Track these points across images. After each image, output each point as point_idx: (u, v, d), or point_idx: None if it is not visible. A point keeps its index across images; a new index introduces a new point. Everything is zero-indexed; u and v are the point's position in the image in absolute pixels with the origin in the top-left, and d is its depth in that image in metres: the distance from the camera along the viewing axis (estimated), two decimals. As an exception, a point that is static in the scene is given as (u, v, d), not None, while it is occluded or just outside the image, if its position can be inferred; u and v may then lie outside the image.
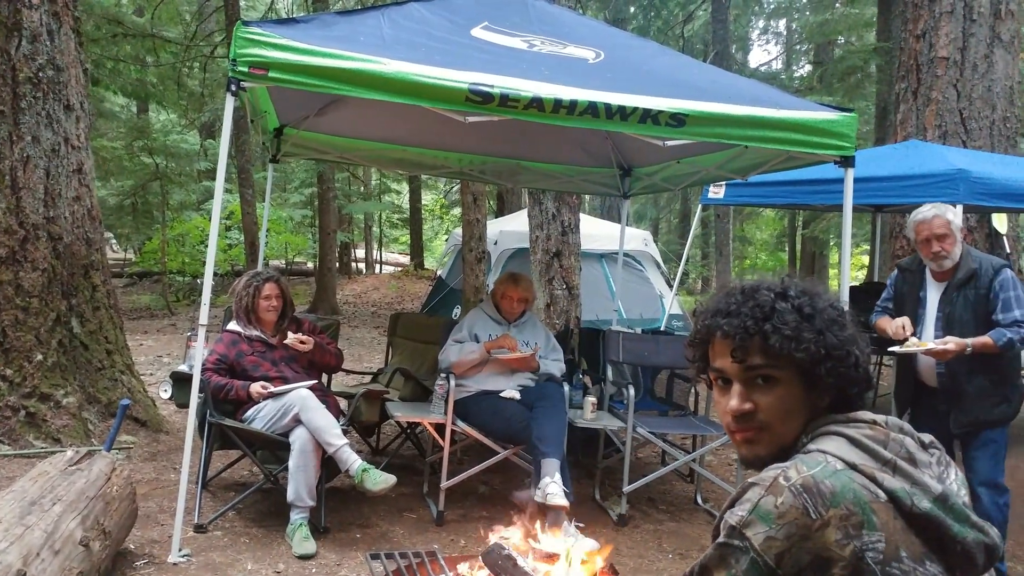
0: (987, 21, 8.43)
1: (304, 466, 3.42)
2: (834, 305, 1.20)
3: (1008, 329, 3.21)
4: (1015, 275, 3.29)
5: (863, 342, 1.19)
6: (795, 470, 1.04)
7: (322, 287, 13.31)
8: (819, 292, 1.21)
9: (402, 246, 27.31)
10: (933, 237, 3.31)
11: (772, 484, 1.04)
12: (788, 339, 1.14)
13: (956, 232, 3.33)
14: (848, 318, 1.20)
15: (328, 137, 5.17)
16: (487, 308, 4.28)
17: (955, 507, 1.06)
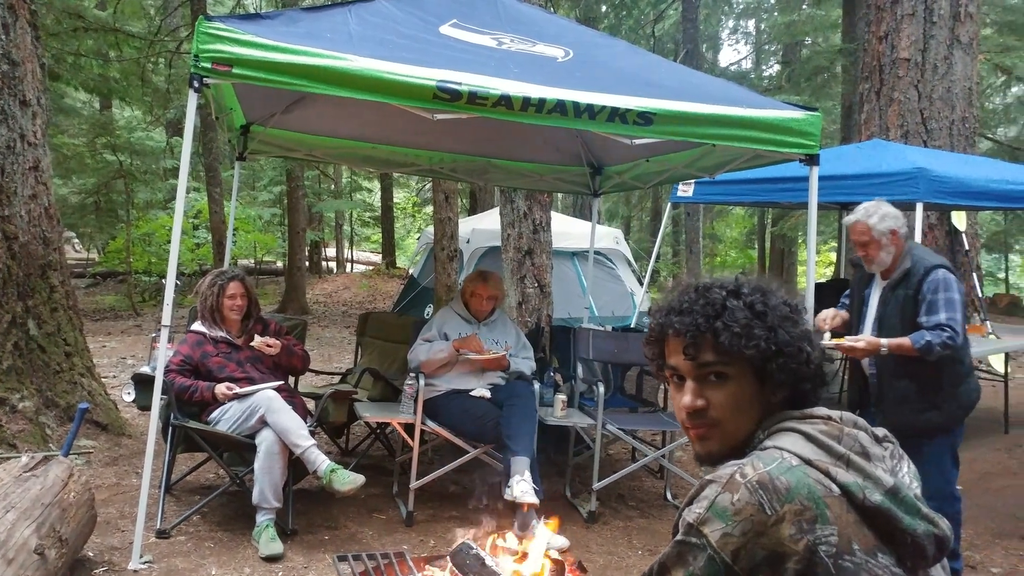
0: (947, 24, 8.60)
1: (270, 467, 3.38)
2: (787, 302, 1.20)
3: (930, 332, 3.10)
4: (952, 277, 3.18)
5: (816, 339, 1.21)
6: (751, 467, 1.05)
7: (291, 286, 13.18)
8: (772, 289, 1.21)
9: (374, 245, 27.13)
10: (857, 243, 3.30)
11: (728, 481, 1.05)
12: (738, 336, 1.14)
13: (881, 237, 3.24)
14: (802, 314, 1.20)
15: (296, 135, 5.11)
16: (456, 307, 4.26)
17: (906, 499, 1.07)
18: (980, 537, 3.92)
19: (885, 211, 3.27)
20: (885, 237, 3.24)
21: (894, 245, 3.25)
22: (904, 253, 3.27)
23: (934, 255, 3.36)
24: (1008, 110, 17.29)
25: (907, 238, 3.32)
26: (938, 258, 3.31)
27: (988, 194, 5.34)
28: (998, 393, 6.44)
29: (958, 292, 3.18)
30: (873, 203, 3.32)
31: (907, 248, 3.29)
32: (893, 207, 3.33)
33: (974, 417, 6.70)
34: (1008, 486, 4.78)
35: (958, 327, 3.12)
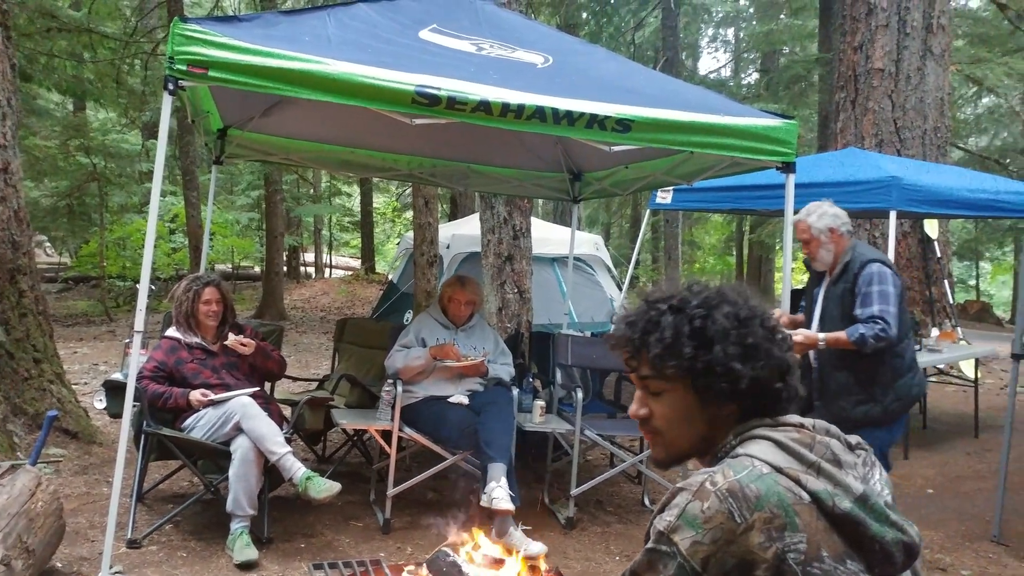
0: (920, 35, 8.75)
1: (245, 475, 3.34)
2: (737, 315, 1.18)
3: (864, 324, 3.18)
4: (887, 270, 3.25)
5: (763, 354, 1.16)
6: (721, 475, 1.06)
7: (269, 292, 13.07)
8: (722, 303, 1.19)
9: (353, 250, 26.98)
10: (800, 241, 3.42)
11: (699, 489, 1.05)
12: (659, 356, 1.17)
13: (820, 235, 3.36)
14: (750, 327, 1.17)
15: (274, 138, 5.07)
16: (434, 312, 4.25)
17: (875, 507, 1.08)
18: (950, 540, 3.97)
19: (824, 210, 3.39)
20: (824, 235, 3.36)
21: (833, 243, 3.37)
22: (846, 250, 3.38)
23: (873, 251, 3.43)
24: (979, 120, 17.60)
25: (849, 236, 3.41)
26: (876, 254, 3.38)
27: (959, 203, 5.44)
28: (969, 398, 6.54)
29: (893, 285, 3.24)
30: (816, 203, 3.45)
31: (849, 246, 3.39)
32: (836, 207, 3.43)
33: (945, 421, 6.83)
34: (978, 489, 4.85)
35: (891, 319, 3.18)
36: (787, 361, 1.19)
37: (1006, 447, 4.12)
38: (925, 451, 5.69)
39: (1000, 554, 3.81)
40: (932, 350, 5.96)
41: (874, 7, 8.79)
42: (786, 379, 1.19)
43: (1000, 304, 22.76)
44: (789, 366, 1.19)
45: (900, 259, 8.47)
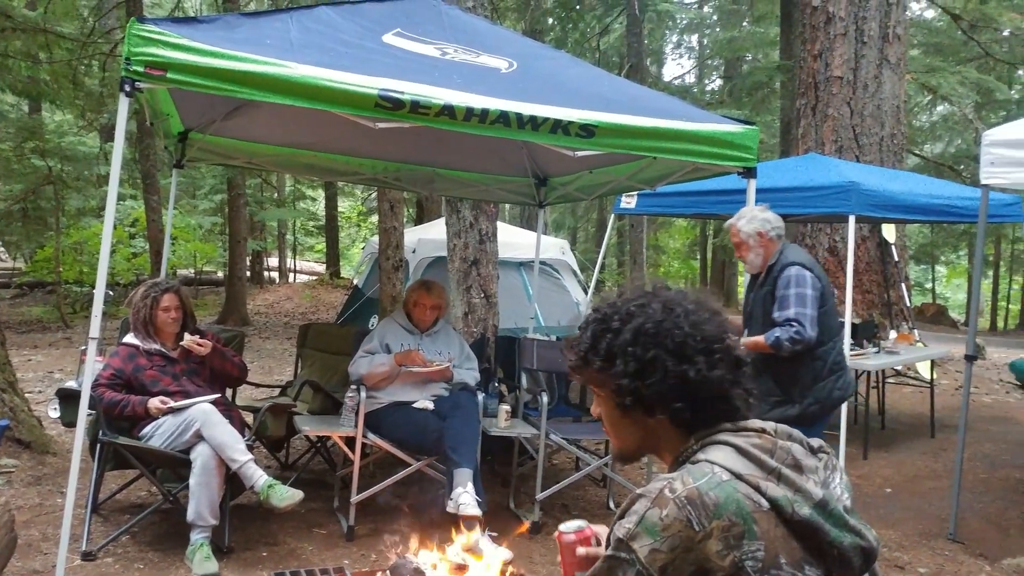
0: (876, 44, 8.96)
1: (206, 483, 3.28)
2: (644, 330, 1.18)
3: (779, 328, 3.23)
4: (806, 273, 3.29)
5: (661, 369, 1.16)
6: (681, 482, 1.06)
7: (232, 297, 12.88)
8: (639, 316, 1.19)
9: (318, 254, 26.74)
10: (732, 244, 3.50)
11: (658, 496, 1.06)
12: (576, 365, 1.23)
13: (748, 239, 3.43)
14: (661, 343, 1.17)
15: (236, 142, 5.00)
16: (399, 317, 4.22)
17: (834, 512, 1.09)
18: (908, 538, 4.06)
19: (754, 215, 3.46)
20: (752, 239, 3.43)
21: (762, 247, 3.43)
22: (774, 254, 3.43)
23: (799, 255, 3.46)
24: (934, 128, 18.07)
25: (778, 240, 3.46)
26: (800, 257, 3.42)
27: (915, 208, 5.56)
28: (925, 398, 6.69)
29: (812, 288, 3.27)
30: (749, 207, 3.52)
31: (778, 249, 3.45)
32: (769, 212, 3.49)
33: (903, 422, 6.98)
34: (934, 488, 4.96)
35: (806, 321, 3.22)
36: (712, 376, 1.16)
37: (960, 447, 4.22)
38: (883, 451, 5.81)
39: (956, 552, 3.90)
40: (890, 352, 6.09)
41: (832, 16, 8.97)
42: (720, 391, 1.17)
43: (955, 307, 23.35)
44: (720, 379, 1.16)
45: (859, 263, 8.64)
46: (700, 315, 1.20)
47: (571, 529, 1.38)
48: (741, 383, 1.19)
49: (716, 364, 1.16)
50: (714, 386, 1.16)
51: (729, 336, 1.21)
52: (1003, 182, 3.95)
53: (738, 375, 1.19)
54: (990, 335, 15.85)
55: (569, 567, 1.35)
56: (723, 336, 1.19)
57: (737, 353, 1.20)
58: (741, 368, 1.20)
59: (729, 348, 1.19)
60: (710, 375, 1.16)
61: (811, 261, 3.44)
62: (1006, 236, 18.58)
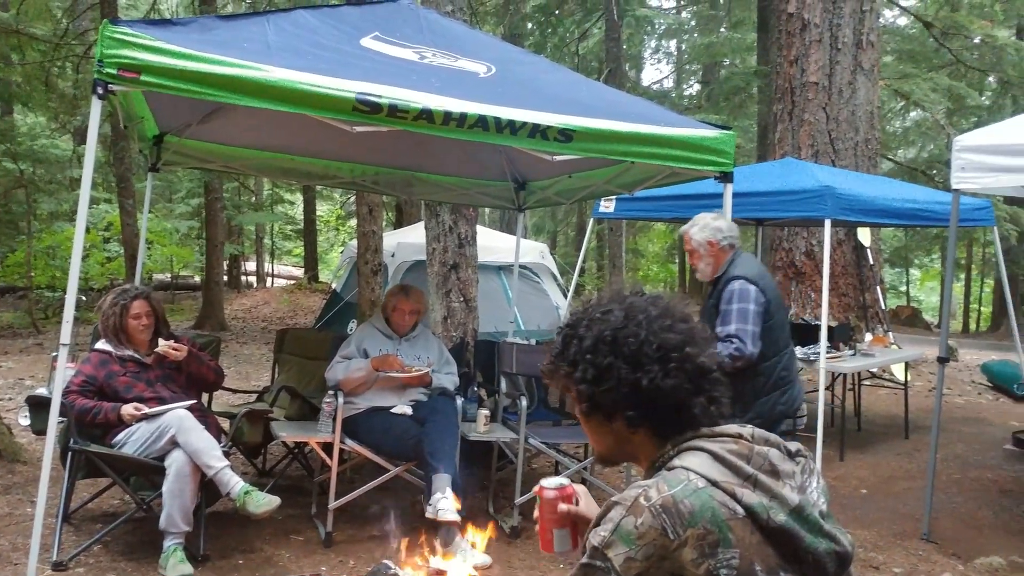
0: (850, 51, 9.08)
1: (180, 490, 3.23)
2: (602, 338, 1.19)
3: (720, 343, 3.17)
4: (750, 288, 3.22)
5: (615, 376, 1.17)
6: (656, 490, 1.06)
7: (209, 302, 12.76)
8: (600, 322, 1.20)
9: (296, 258, 26.55)
10: (686, 251, 3.49)
11: (633, 504, 1.06)
12: (548, 369, 1.26)
13: (699, 247, 3.40)
14: (617, 349, 1.17)
15: (213, 146, 4.95)
16: (377, 322, 4.20)
17: (809, 518, 1.09)
18: (883, 539, 4.10)
19: (706, 223, 3.44)
20: (703, 247, 3.41)
21: (712, 256, 3.41)
22: (723, 263, 3.40)
23: (748, 266, 3.39)
24: (907, 133, 18.33)
25: (730, 249, 3.42)
26: (746, 269, 3.34)
27: (889, 212, 5.63)
28: (900, 400, 6.77)
29: (755, 303, 3.21)
30: (703, 215, 3.50)
31: (728, 259, 3.41)
32: (723, 221, 3.46)
33: (878, 423, 7.06)
34: (908, 488, 5.02)
35: (747, 338, 3.18)
36: (664, 385, 1.16)
37: (933, 447, 4.27)
38: (859, 452, 5.87)
39: (930, 552, 3.95)
40: (865, 354, 6.16)
41: (808, 23, 9.09)
42: (676, 400, 1.17)
43: (929, 309, 23.69)
44: (676, 388, 1.16)
45: (836, 266, 8.74)
46: (662, 322, 1.19)
47: (553, 485, 1.37)
48: (703, 392, 1.18)
49: (671, 373, 1.16)
50: (668, 395, 1.16)
51: (692, 344, 1.18)
52: (973, 187, 4.01)
53: (700, 384, 1.17)
54: (963, 337, 16.10)
55: (548, 523, 1.34)
56: (682, 344, 1.18)
57: (700, 361, 1.18)
58: (705, 376, 1.18)
59: (689, 357, 1.17)
60: (663, 384, 1.15)
61: (758, 274, 3.37)
62: (977, 240, 18.88)
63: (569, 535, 1.36)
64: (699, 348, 1.19)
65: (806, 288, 8.88)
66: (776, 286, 3.46)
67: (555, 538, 1.35)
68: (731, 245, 3.44)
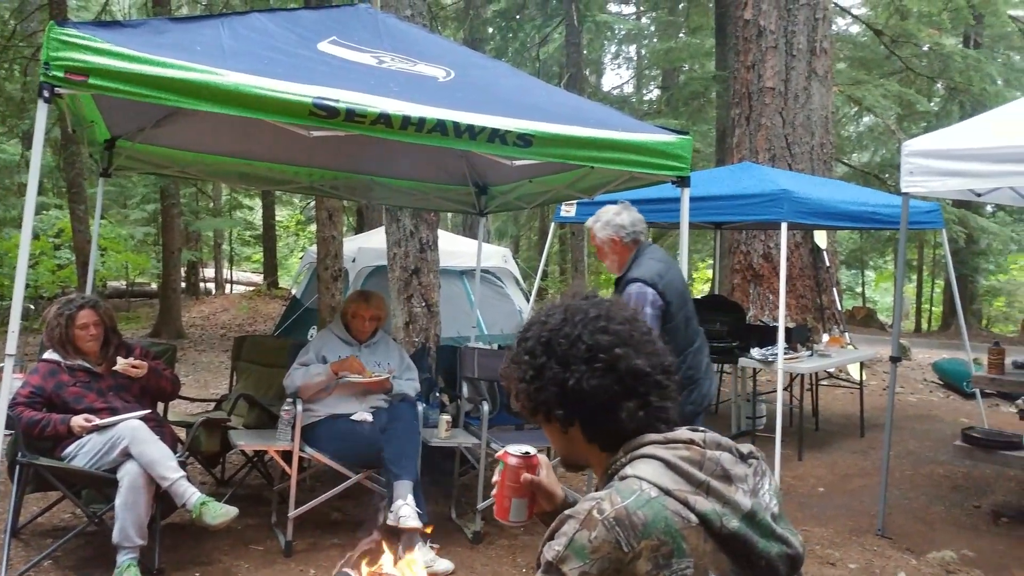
0: (805, 57, 9.28)
1: (134, 503, 3.16)
2: (539, 340, 1.21)
3: None
4: (646, 291, 3.15)
5: (549, 381, 1.19)
6: (609, 502, 1.06)
7: (166, 309, 12.50)
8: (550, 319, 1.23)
9: (255, 264, 26.15)
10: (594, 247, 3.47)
11: (586, 518, 1.06)
12: (504, 372, 1.28)
13: (603, 244, 3.38)
14: (563, 346, 1.18)
15: (167, 150, 4.85)
16: (336, 329, 4.16)
17: (762, 523, 1.10)
18: (839, 535, 4.18)
19: (609, 219, 3.39)
20: (607, 245, 3.40)
21: (616, 253, 3.40)
22: (628, 261, 3.37)
23: (649, 265, 3.29)
24: (861, 138, 18.77)
25: (633, 246, 3.38)
26: (647, 269, 3.26)
27: (843, 215, 5.75)
28: (855, 400, 6.92)
29: (651, 306, 3.15)
30: (607, 208, 3.44)
31: (631, 256, 3.37)
32: (625, 214, 3.39)
33: (835, 422, 7.19)
34: (864, 486, 5.13)
35: None
36: (588, 387, 1.17)
37: (887, 445, 4.38)
38: (817, 451, 5.98)
39: (884, 547, 4.04)
40: (822, 355, 6.28)
41: (764, 29, 9.26)
42: (603, 401, 1.17)
43: (884, 310, 24.23)
44: (601, 388, 1.17)
45: (793, 268, 8.91)
46: (596, 323, 1.20)
47: (518, 452, 1.33)
48: (636, 395, 1.17)
49: (597, 373, 1.16)
50: (593, 395, 1.16)
51: (624, 346, 1.18)
52: (922, 190, 4.12)
53: (632, 386, 1.17)
54: (915, 337, 16.51)
55: (507, 490, 1.30)
56: (613, 345, 1.17)
57: (634, 364, 1.17)
58: (639, 379, 1.17)
59: (619, 358, 1.17)
60: (587, 384, 1.16)
61: (659, 272, 3.24)
62: (928, 242, 19.39)
63: (527, 505, 1.32)
64: (633, 350, 1.18)
65: (764, 290, 9.03)
66: (682, 281, 3.39)
67: (512, 507, 1.31)
68: (635, 240, 3.39)
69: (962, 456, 4.74)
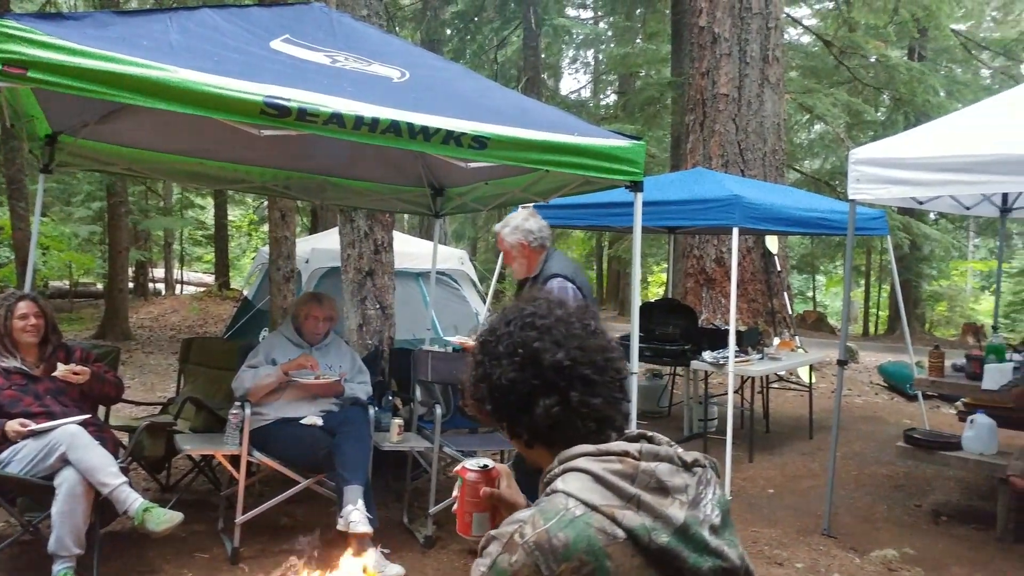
0: (758, 65, 9.46)
1: (71, 511, 3.05)
2: (489, 329, 1.25)
3: None
4: (568, 285, 3.34)
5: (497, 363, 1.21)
6: (531, 525, 1.06)
7: (112, 310, 12.17)
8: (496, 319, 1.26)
9: (207, 265, 25.65)
10: (502, 251, 3.58)
11: (508, 542, 1.07)
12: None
13: (511, 248, 3.50)
14: (493, 342, 1.22)
15: (113, 147, 4.71)
16: (287, 331, 4.09)
17: (695, 537, 1.09)
18: (787, 535, 4.26)
19: (517, 225, 3.53)
20: (515, 249, 3.52)
21: (525, 257, 3.53)
22: (539, 262, 3.52)
23: (562, 264, 3.52)
24: (812, 145, 19.23)
25: (542, 249, 3.53)
26: (562, 267, 3.48)
27: (793, 220, 5.87)
28: (805, 402, 7.07)
29: (572, 300, 3.34)
30: (515, 214, 3.58)
31: (542, 258, 3.53)
32: (532, 220, 3.55)
33: (785, 425, 7.33)
34: (812, 487, 5.24)
35: None
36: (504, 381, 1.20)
37: (833, 447, 4.48)
38: (768, 453, 6.09)
39: (830, 546, 4.13)
40: (773, 358, 6.40)
41: (718, 37, 9.42)
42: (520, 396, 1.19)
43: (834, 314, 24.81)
44: (517, 381, 1.19)
45: (745, 273, 9.07)
46: (524, 320, 1.22)
47: (476, 467, 1.33)
48: (556, 391, 1.18)
49: (515, 367, 1.19)
50: (510, 390, 1.20)
51: (545, 340, 1.19)
52: (868, 197, 4.23)
53: (553, 381, 1.18)
54: (863, 340, 16.95)
55: (468, 506, 1.30)
56: (532, 340, 1.19)
57: (555, 358, 1.18)
58: (561, 374, 1.18)
59: (537, 352, 1.18)
60: (505, 378, 1.20)
61: (574, 271, 3.48)
62: (876, 248, 19.94)
63: (489, 519, 1.32)
64: (555, 344, 1.19)
65: (716, 294, 9.17)
66: (588, 282, 3.59)
67: (474, 521, 1.31)
68: (542, 245, 3.54)
69: (904, 457, 4.87)
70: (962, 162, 3.83)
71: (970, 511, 4.76)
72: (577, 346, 1.20)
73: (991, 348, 4.86)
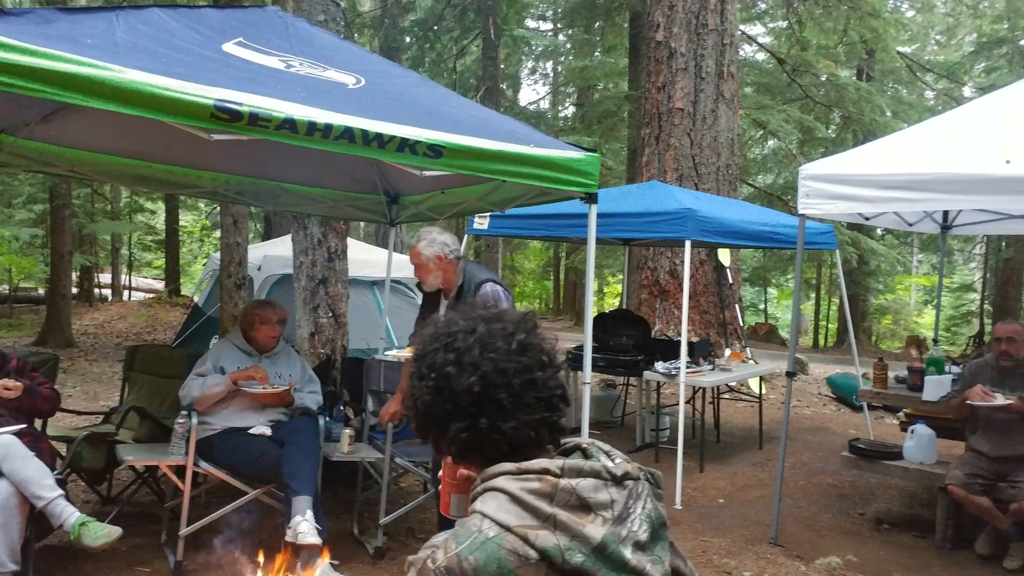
0: (713, 80, 9.63)
1: (4, 525, 2.95)
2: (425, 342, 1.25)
3: None
4: (499, 288, 3.52)
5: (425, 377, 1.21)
6: (443, 550, 1.06)
7: (54, 316, 11.79)
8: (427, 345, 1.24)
9: (157, 271, 25.05)
10: (413, 264, 3.66)
11: (422, 567, 1.07)
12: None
13: (428, 261, 3.58)
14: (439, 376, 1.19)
15: (56, 148, 4.56)
16: (235, 339, 4.01)
17: (613, 555, 1.06)
18: (736, 544, 4.32)
19: (433, 238, 3.64)
20: (432, 262, 3.60)
21: (442, 269, 3.61)
22: (457, 273, 3.63)
23: (484, 271, 3.71)
24: (765, 160, 19.64)
25: (458, 261, 3.66)
26: (487, 274, 3.67)
27: (745, 234, 5.98)
28: (755, 413, 7.18)
29: (507, 303, 3.54)
30: (428, 228, 3.71)
31: (460, 268, 3.65)
32: (448, 235, 3.70)
33: (736, 435, 7.44)
34: (760, 496, 5.32)
35: None
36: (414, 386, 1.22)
37: (782, 457, 4.56)
38: (719, 463, 6.17)
39: (776, 555, 4.19)
40: (724, 369, 6.49)
41: (674, 51, 9.57)
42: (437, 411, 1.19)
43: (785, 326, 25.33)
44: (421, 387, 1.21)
45: (697, 285, 9.20)
46: (445, 340, 1.21)
47: None
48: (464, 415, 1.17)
49: (428, 391, 1.20)
50: (427, 413, 1.21)
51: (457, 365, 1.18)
52: (817, 212, 4.33)
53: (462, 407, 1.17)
54: (813, 352, 17.33)
55: (448, 485, 1.32)
56: (447, 364, 1.19)
57: (465, 384, 1.17)
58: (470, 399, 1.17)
59: (447, 377, 1.18)
60: (421, 402, 1.21)
61: (497, 276, 3.65)
62: (825, 262, 20.43)
63: (467, 500, 1.32)
64: (471, 369, 1.17)
65: (670, 305, 9.28)
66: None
67: (452, 502, 1.33)
68: (458, 258, 3.65)
69: (849, 466, 4.98)
70: (906, 180, 3.95)
71: (911, 519, 4.89)
72: (493, 369, 1.17)
73: (931, 361, 5.01)
